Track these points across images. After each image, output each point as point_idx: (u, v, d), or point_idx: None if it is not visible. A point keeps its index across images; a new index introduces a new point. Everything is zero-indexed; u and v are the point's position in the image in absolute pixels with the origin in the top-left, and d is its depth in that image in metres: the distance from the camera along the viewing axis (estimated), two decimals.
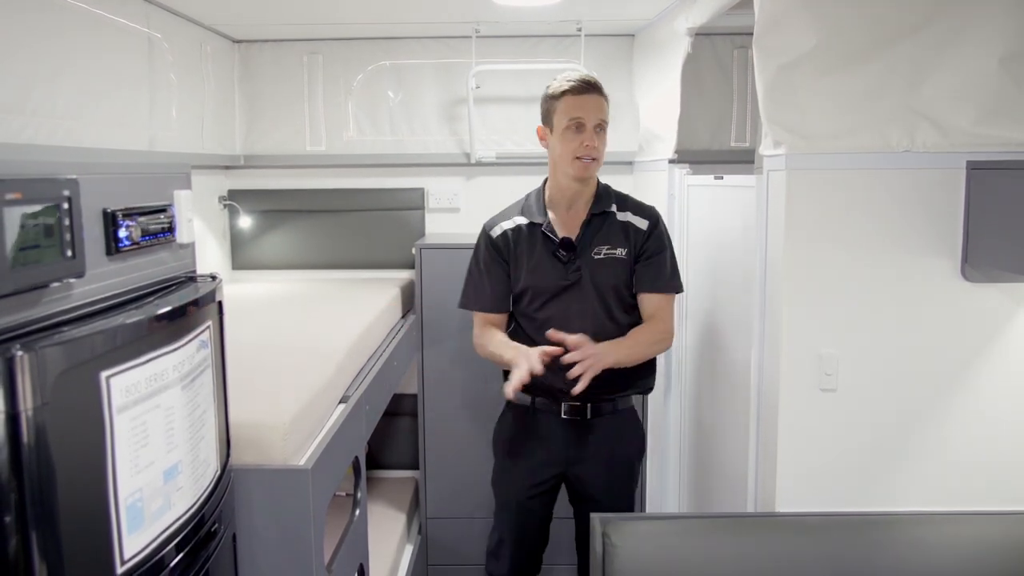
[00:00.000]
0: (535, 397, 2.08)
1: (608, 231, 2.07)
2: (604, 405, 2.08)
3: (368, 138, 3.24)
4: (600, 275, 2.04)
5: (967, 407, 1.77)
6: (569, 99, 1.99)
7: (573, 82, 2.00)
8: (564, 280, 2.04)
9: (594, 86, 2.00)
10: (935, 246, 1.73)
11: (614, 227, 2.07)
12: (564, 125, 1.99)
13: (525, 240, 2.08)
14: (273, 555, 1.46)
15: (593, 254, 2.04)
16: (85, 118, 1.98)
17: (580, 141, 1.98)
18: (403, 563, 2.74)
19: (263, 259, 3.31)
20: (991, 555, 1.69)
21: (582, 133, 1.98)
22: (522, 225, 2.10)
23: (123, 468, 0.98)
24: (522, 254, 2.07)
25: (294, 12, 2.76)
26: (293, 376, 1.75)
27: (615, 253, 2.05)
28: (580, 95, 1.98)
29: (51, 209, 0.92)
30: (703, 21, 2.28)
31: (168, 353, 1.10)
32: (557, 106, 2.01)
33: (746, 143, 3.09)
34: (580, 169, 2.00)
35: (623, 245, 2.06)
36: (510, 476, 2.16)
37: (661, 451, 2.83)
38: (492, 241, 2.11)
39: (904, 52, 1.67)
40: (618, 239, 2.06)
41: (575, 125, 1.98)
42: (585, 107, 1.98)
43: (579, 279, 2.03)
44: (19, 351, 0.82)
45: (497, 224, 2.13)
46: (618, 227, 2.08)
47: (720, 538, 1.74)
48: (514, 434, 2.16)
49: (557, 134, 2.02)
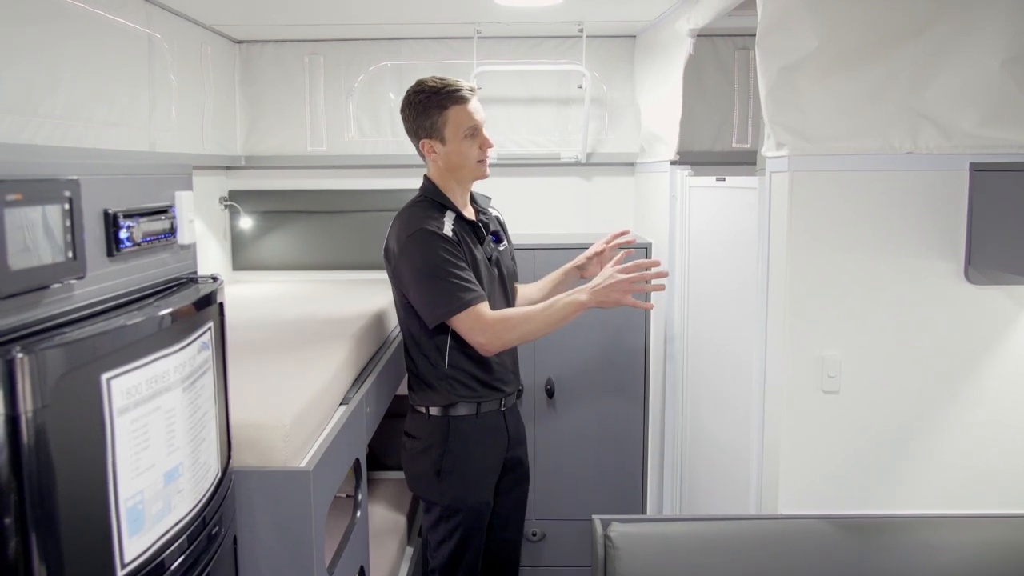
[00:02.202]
0: (480, 402, 2.08)
1: (489, 221, 2.19)
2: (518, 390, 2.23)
3: (369, 139, 3.24)
4: (504, 264, 2.18)
5: (970, 409, 1.77)
6: (462, 107, 2.01)
7: (462, 89, 2.01)
8: (494, 271, 2.13)
9: (472, 90, 2.06)
10: (938, 248, 1.72)
11: (492, 221, 2.21)
12: (465, 132, 2.01)
13: (470, 235, 2.07)
14: (274, 557, 1.46)
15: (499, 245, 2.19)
16: (86, 119, 1.98)
17: (481, 143, 2.05)
18: (404, 565, 2.73)
19: (264, 260, 3.31)
20: (994, 558, 1.69)
21: (478, 137, 2.04)
22: (455, 219, 2.04)
23: (124, 470, 0.98)
24: (471, 249, 2.06)
25: (295, 13, 2.76)
26: (294, 377, 1.75)
27: (504, 243, 2.22)
28: (468, 102, 2.02)
29: (52, 210, 0.92)
30: (705, 22, 2.28)
31: (169, 355, 1.09)
32: (448, 115, 2.00)
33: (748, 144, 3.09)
34: (485, 170, 2.09)
35: (506, 235, 2.25)
36: (475, 488, 2.09)
37: (661, 452, 2.83)
38: (447, 238, 1.96)
39: (907, 54, 1.67)
40: (500, 231, 2.23)
41: (475, 131, 2.03)
42: (479, 112, 2.04)
43: (500, 270, 2.16)
44: (19, 353, 0.81)
45: (432, 221, 1.99)
46: (494, 221, 2.22)
47: (722, 540, 1.74)
48: (468, 447, 2.08)
49: (455, 143, 2.02)
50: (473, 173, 2.08)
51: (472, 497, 2.08)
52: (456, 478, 2.07)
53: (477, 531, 2.11)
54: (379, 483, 3.21)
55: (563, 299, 1.96)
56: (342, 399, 1.92)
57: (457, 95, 2.00)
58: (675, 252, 2.64)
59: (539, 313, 1.96)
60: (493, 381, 2.09)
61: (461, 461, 2.07)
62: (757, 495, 1.91)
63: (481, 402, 2.08)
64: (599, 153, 3.25)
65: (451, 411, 2.06)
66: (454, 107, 2.00)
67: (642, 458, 2.96)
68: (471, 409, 2.07)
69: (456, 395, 2.05)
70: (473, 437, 2.07)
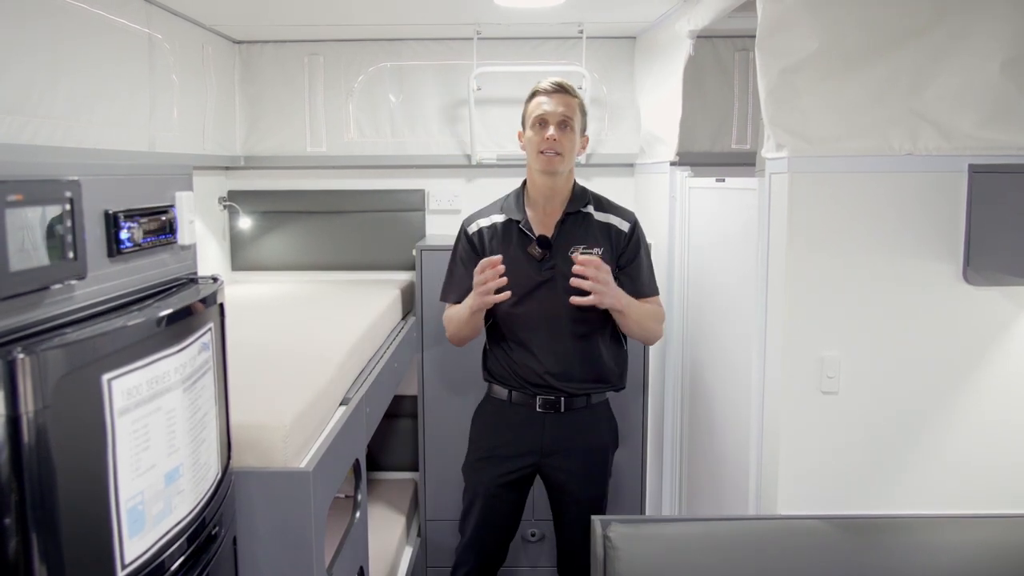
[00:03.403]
0: (512, 390, 2.16)
1: (586, 231, 2.13)
2: (577, 399, 2.14)
3: (369, 139, 3.24)
4: (559, 271, 2.08)
5: (969, 410, 1.77)
6: (537, 99, 2.11)
7: (543, 84, 2.11)
8: (538, 276, 2.10)
9: (562, 87, 2.10)
10: (937, 249, 1.73)
11: (592, 227, 2.14)
12: (531, 123, 2.10)
13: (500, 237, 2.15)
14: (274, 558, 1.46)
15: (569, 252, 2.09)
16: (86, 119, 1.98)
17: (543, 136, 2.06)
18: (402, 565, 2.73)
19: (263, 260, 3.31)
20: (992, 558, 1.69)
21: (546, 129, 2.07)
22: (498, 223, 2.16)
23: (124, 471, 0.98)
24: (497, 250, 2.12)
25: (295, 13, 2.76)
26: (294, 378, 1.75)
27: (591, 252, 2.09)
28: (547, 95, 2.09)
29: (52, 211, 0.92)
30: (705, 23, 2.28)
31: (170, 355, 1.09)
32: (528, 106, 2.13)
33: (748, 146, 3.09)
34: (544, 163, 2.08)
35: (600, 245, 2.12)
36: (484, 464, 2.21)
37: (661, 453, 2.83)
38: (468, 237, 2.19)
39: (906, 56, 1.67)
40: (595, 239, 2.12)
41: (540, 122, 2.08)
42: (549, 105, 2.08)
43: (552, 276, 2.09)
44: (20, 353, 0.81)
45: (475, 221, 2.21)
46: (597, 227, 2.14)
47: (721, 541, 1.74)
48: (490, 424, 2.22)
49: (527, 132, 2.12)
50: (535, 163, 2.10)
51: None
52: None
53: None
54: (379, 483, 3.21)
55: (466, 302, 2.09)
56: (342, 399, 1.92)
57: (544, 87, 2.10)
58: (675, 253, 2.64)
59: (456, 317, 2.14)
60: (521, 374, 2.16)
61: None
62: (756, 495, 1.91)
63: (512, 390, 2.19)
64: (599, 154, 3.25)
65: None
66: (537, 96, 2.11)
67: (642, 458, 2.96)
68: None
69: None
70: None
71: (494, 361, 2.20)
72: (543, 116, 2.06)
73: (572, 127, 2.08)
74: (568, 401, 2.13)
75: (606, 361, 2.15)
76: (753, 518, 1.87)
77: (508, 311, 2.11)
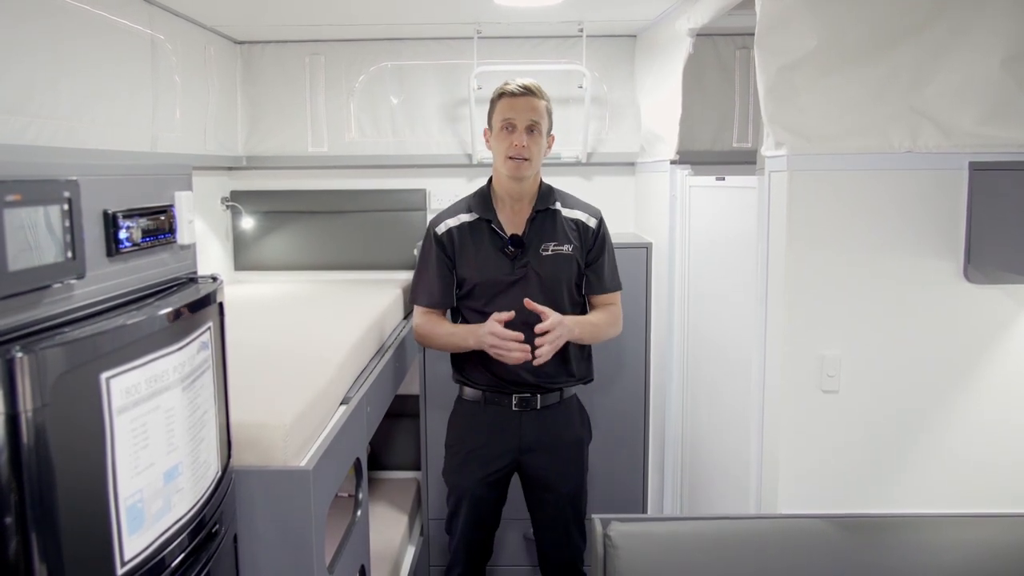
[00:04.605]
0: (485, 392, 2.16)
1: (555, 228, 2.14)
2: (551, 395, 2.16)
3: (370, 139, 3.24)
4: (547, 270, 2.11)
5: (969, 409, 1.77)
6: (504, 101, 2.08)
7: (510, 86, 2.09)
8: (511, 275, 2.10)
9: (529, 89, 2.08)
10: (937, 247, 1.72)
11: (560, 224, 2.15)
12: (499, 126, 2.08)
13: (470, 236, 2.14)
14: (274, 556, 1.46)
15: (541, 250, 2.11)
16: (89, 120, 1.99)
17: (511, 141, 2.05)
18: (404, 564, 2.73)
19: (265, 260, 3.32)
20: (993, 557, 1.69)
21: (513, 134, 2.05)
22: (466, 222, 2.15)
23: (123, 469, 0.98)
24: (468, 250, 2.13)
25: (296, 13, 2.76)
26: (294, 377, 1.75)
27: (562, 249, 2.11)
28: (514, 98, 2.07)
29: (52, 210, 0.92)
30: (704, 22, 2.28)
31: (169, 354, 1.10)
32: (495, 108, 2.11)
33: (748, 144, 3.09)
34: (512, 168, 2.07)
35: (570, 241, 2.13)
36: (466, 467, 2.21)
37: (662, 452, 2.83)
38: (437, 238, 2.17)
39: (906, 53, 1.67)
40: (565, 236, 2.14)
41: (507, 126, 2.06)
42: (516, 108, 2.06)
43: (524, 275, 2.10)
44: (19, 352, 0.82)
45: (443, 221, 2.18)
46: (565, 224, 2.15)
47: (722, 539, 1.74)
48: (467, 427, 2.22)
49: (494, 135, 2.11)
50: (502, 168, 2.08)
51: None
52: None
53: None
54: (379, 483, 3.22)
55: (464, 331, 2.11)
56: (342, 399, 1.92)
57: (511, 90, 2.07)
58: (675, 251, 2.64)
59: (443, 336, 2.15)
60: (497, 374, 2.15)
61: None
62: (757, 494, 1.91)
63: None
64: (599, 153, 3.25)
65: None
66: (504, 99, 2.08)
67: (642, 458, 2.96)
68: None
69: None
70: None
71: (466, 362, 2.18)
72: (511, 121, 2.05)
73: (540, 131, 2.07)
74: (543, 398, 2.15)
75: (575, 355, 2.17)
76: (754, 517, 1.87)
77: (481, 310, 2.12)
